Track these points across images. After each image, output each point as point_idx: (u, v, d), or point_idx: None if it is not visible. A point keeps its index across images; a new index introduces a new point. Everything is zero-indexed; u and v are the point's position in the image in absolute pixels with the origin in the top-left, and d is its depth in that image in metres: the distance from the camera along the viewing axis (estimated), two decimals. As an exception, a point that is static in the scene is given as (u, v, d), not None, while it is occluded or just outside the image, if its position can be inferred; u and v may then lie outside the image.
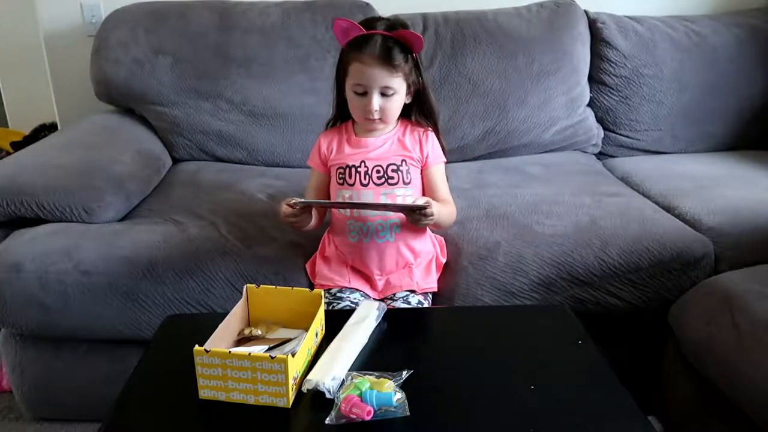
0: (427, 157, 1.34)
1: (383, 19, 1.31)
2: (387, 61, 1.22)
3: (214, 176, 1.85)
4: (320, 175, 1.39)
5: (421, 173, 1.36)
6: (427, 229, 1.40)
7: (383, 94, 1.25)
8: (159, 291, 1.39)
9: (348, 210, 1.32)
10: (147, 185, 1.74)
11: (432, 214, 1.22)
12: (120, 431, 0.88)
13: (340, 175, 1.32)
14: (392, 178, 1.32)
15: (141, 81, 1.92)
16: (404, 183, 1.32)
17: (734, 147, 2.09)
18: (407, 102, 1.32)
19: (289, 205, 1.24)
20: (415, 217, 1.24)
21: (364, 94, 1.26)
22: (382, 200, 1.31)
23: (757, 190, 1.69)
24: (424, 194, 1.36)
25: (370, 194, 1.31)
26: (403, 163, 1.33)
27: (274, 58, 1.94)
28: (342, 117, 1.38)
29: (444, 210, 1.31)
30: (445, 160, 1.38)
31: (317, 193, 1.40)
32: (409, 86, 1.28)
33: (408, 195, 1.32)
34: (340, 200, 1.33)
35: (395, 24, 1.27)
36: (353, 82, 1.26)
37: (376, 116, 1.27)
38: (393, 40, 1.23)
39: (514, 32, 1.99)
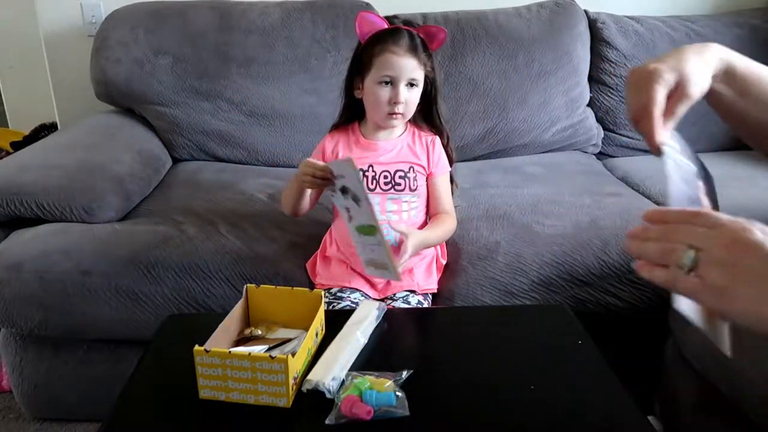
0: (433, 166, 1.35)
1: (396, 17, 1.34)
2: (416, 52, 1.25)
3: (214, 176, 1.85)
4: None
5: (426, 181, 1.37)
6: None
7: (409, 85, 1.27)
8: (159, 291, 1.39)
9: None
10: (147, 185, 1.74)
11: (406, 251, 1.18)
12: (120, 431, 0.88)
13: None
14: (399, 184, 1.32)
15: (141, 81, 1.92)
16: (410, 189, 1.33)
17: (734, 147, 2.09)
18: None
19: (310, 170, 1.17)
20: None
21: (391, 85, 1.26)
22: (388, 206, 1.33)
23: (757, 190, 1.69)
24: (427, 203, 1.37)
25: (377, 198, 1.31)
26: (411, 169, 1.33)
27: (274, 58, 1.94)
28: (349, 119, 1.38)
29: (432, 235, 1.31)
30: (450, 169, 1.38)
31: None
32: (426, 84, 1.30)
33: (414, 201, 1.32)
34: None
35: (409, 24, 1.31)
36: (382, 72, 1.26)
37: (401, 109, 1.27)
38: (418, 35, 1.27)
39: (514, 32, 1.99)
